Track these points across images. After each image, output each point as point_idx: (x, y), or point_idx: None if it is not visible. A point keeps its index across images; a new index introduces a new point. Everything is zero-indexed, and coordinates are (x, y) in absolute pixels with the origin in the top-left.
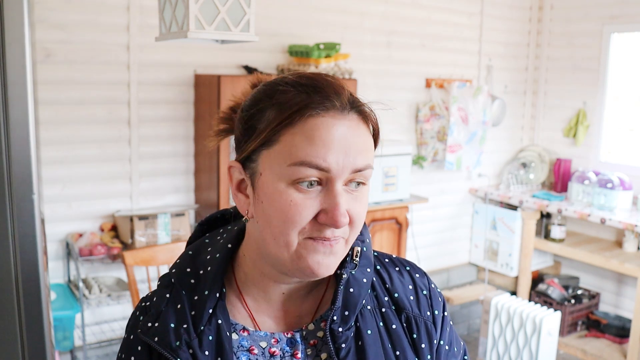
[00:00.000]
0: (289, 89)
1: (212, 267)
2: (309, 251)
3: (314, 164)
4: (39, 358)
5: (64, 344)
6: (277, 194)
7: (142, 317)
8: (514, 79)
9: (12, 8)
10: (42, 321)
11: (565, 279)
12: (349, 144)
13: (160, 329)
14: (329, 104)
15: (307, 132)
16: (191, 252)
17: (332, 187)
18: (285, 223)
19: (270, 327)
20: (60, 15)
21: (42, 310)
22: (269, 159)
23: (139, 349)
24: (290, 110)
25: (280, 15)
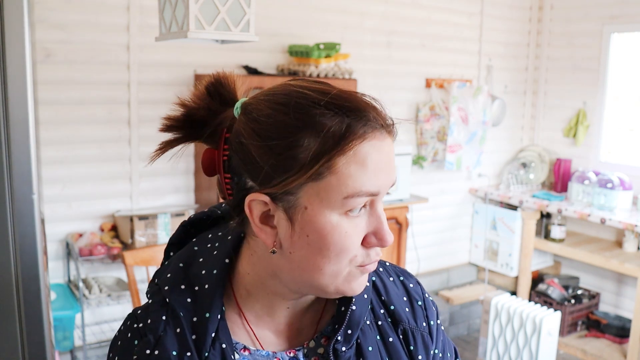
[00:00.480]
0: (327, 113)
1: (210, 286)
2: (356, 278)
3: (370, 192)
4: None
5: (64, 344)
6: (329, 227)
7: (137, 342)
8: (514, 79)
9: (12, 8)
10: (42, 321)
11: (565, 279)
12: (390, 162)
13: (163, 357)
14: (370, 125)
15: (359, 160)
16: (182, 264)
17: (376, 207)
18: (340, 254)
19: (271, 342)
20: (60, 15)
21: (42, 310)
22: (316, 192)
23: None
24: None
25: (280, 15)
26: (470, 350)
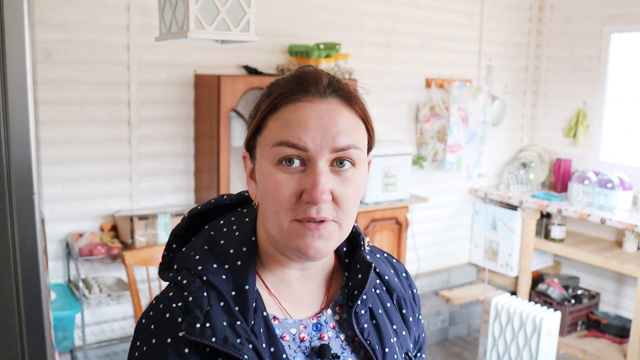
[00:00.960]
0: (282, 83)
1: (242, 262)
2: (297, 234)
3: (291, 143)
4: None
5: (64, 344)
6: (266, 175)
7: (181, 319)
8: (514, 79)
9: (12, 8)
10: (42, 321)
11: (565, 279)
12: (326, 124)
13: (216, 329)
14: (306, 90)
15: (286, 116)
16: (206, 247)
17: (313, 165)
18: (274, 202)
19: (293, 312)
20: (61, 15)
21: (42, 310)
22: (260, 145)
23: (186, 351)
24: (271, 101)
25: (280, 15)
26: (470, 350)
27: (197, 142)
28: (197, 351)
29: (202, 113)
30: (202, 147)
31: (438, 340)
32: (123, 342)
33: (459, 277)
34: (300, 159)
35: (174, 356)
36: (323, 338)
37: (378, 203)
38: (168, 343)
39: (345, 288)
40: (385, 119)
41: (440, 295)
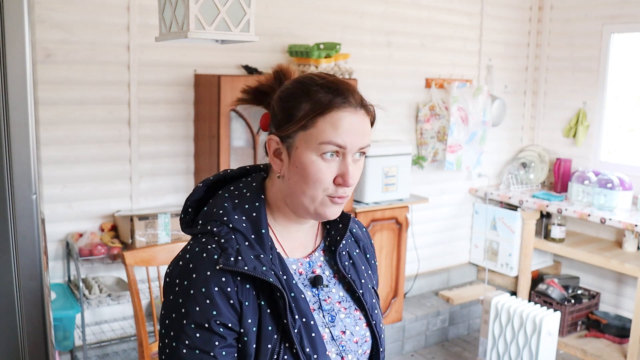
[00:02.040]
0: (319, 89)
1: (257, 213)
2: (328, 205)
3: (336, 143)
4: (39, 358)
5: (64, 344)
6: (309, 163)
7: (217, 256)
8: (514, 79)
9: (12, 8)
10: (42, 321)
11: (565, 279)
12: (358, 130)
13: (247, 260)
14: (348, 103)
15: (333, 122)
16: (226, 204)
17: (346, 158)
18: (315, 183)
19: (292, 254)
20: (61, 15)
21: (42, 310)
22: (304, 138)
23: (223, 279)
24: (322, 106)
25: (280, 15)
26: (470, 350)
27: (197, 142)
28: (232, 279)
29: (202, 113)
30: (202, 147)
31: (438, 340)
32: (123, 342)
33: (459, 277)
34: (336, 153)
35: (214, 284)
36: (315, 272)
37: (378, 203)
38: (208, 275)
39: (328, 236)
40: (385, 119)
41: (440, 295)
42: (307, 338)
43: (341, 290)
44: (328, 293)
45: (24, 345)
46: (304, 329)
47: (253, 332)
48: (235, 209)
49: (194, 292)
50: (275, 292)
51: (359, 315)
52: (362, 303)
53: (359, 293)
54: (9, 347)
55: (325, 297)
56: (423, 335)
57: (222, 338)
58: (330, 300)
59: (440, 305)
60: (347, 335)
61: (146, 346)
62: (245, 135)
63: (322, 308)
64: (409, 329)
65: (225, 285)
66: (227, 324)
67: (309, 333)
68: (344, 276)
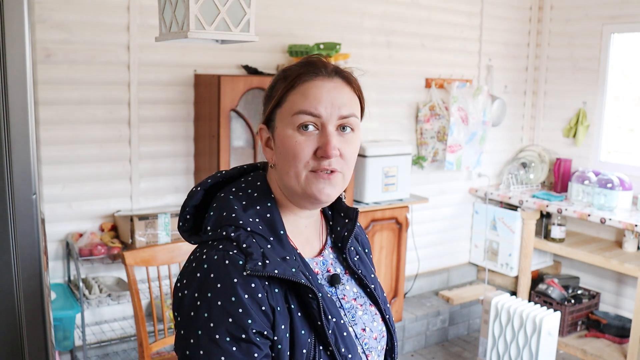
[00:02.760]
0: (293, 68)
1: (271, 214)
2: (313, 182)
3: (308, 112)
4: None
5: (64, 344)
6: (287, 139)
7: (242, 262)
8: (514, 79)
9: (12, 8)
10: (42, 321)
11: (565, 279)
12: (334, 97)
13: (275, 263)
14: (317, 72)
15: (302, 91)
16: (236, 207)
17: (325, 129)
18: (294, 158)
19: (305, 253)
20: (61, 15)
21: (42, 310)
22: (280, 115)
23: (252, 286)
24: (291, 80)
25: (280, 15)
26: (470, 350)
27: (197, 142)
28: (261, 284)
29: (202, 113)
30: (202, 147)
31: (438, 340)
32: (123, 342)
33: (459, 277)
34: (314, 125)
35: (244, 291)
36: (330, 270)
37: (378, 203)
38: (236, 282)
39: (333, 233)
40: (385, 119)
41: (440, 295)
42: (340, 338)
43: (355, 286)
44: (344, 291)
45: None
46: (337, 329)
47: (286, 338)
48: (246, 210)
49: (222, 303)
50: (307, 294)
51: (375, 311)
52: (375, 298)
53: (371, 288)
54: (9, 347)
55: (342, 295)
56: (423, 335)
57: (259, 348)
58: (347, 297)
59: (440, 305)
60: (367, 332)
61: (146, 346)
62: (245, 135)
63: (343, 307)
64: (409, 329)
65: (255, 292)
66: (263, 332)
67: (342, 333)
68: (354, 272)
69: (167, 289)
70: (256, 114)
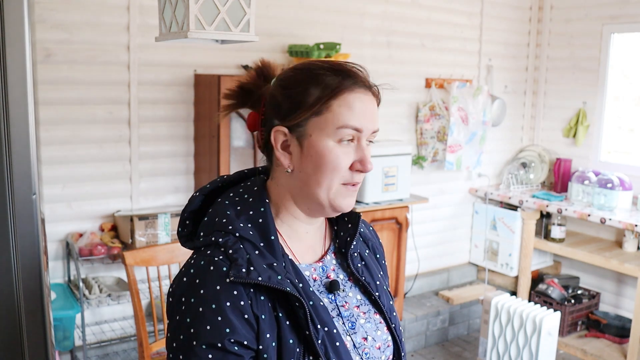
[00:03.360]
0: (326, 73)
1: (264, 219)
2: (342, 194)
3: (354, 127)
4: (39, 358)
5: (64, 344)
6: (326, 150)
7: (226, 268)
8: (514, 79)
9: (12, 8)
10: (42, 321)
11: (565, 279)
12: (371, 112)
13: (260, 270)
14: (358, 84)
15: (347, 104)
16: (228, 212)
17: (361, 142)
18: (333, 171)
19: (302, 259)
20: (61, 15)
21: (42, 310)
22: (317, 124)
23: (235, 293)
24: (333, 88)
25: (280, 15)
26: (470, 350)
27: (197, 142)
28: (244, 292)
29: (202, 113)
30: (202, 147)
31: (438, 340)
32: (123, 342)
33: (459, 277)
34: (352, 138)
35: (225, 299)
36: (330, 277)
37: (378, 203)
38: (218, 290)
39: (337, 238)
40: (385, 119)
41: (440, 295)
42: (331, 348)
43: (358, 293)
44: (345, 298)
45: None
46: (327, 338)
47: (273, 347)
48: (239, 216)
49: (203, 310)
50: (294, 302)
51: (379, 319)
52: (380, 306)
53: (375, 296)
54: (9, 347)
55: (342, 303)
56: (423, 335)
57: (238, 357)
58: (349, 305)
59: (440, 305)
60: (369, 342)
61: (146, 346)
62: (245, 135)
63: (341, 315)
64: (409, 329)
65: (237, 299)
66: (243, 342)
67: (333, 342)
68: (358, 279)
69: (167, 289)
70: None
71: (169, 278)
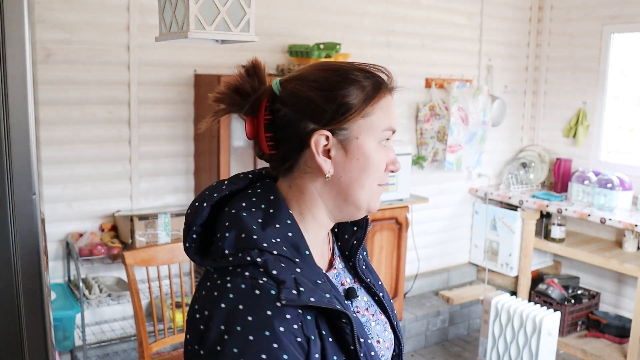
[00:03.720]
0: (360, 74)
1: (293, 233)
2: (377, 195)
3: (393, 129)
4: (39, 358)
5: (64, 344)
6: (373, 152)
7: (274, 292)
8: (514, 79)
9: (12, 8)
10: (42, 321)
11: (565, 279)
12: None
13: (309, 290)
14: (388, 85)
15: (386, 107)
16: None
17: (389, 143)
18: (376, 172)
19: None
20: (61, 15)
21: (42, 310)
22: (364, 127)
23: (288, 317)
24: (376, 90)
25: (280, 15)
26: (470, 350)
27: (197, 142)
28: (295, 315)
29: (202, 113)
30: (202, 147)
31: (438, 340)
32: (123, 342)
33: (459, 277)
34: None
35: (279, 324)
36: (344, 284)
37: None
38: (269, 315)
39: (338, 241)
40: None
41: (440, 295)
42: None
43: (365, 294)
44: (359, 303)
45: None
46: (367, 349)
47: None
48: (264, 229)
49: (255, 338)
50: (341, 319)
51: (384, 319)
52: (384, 305)
53: (379, 296)
54: (9, 347)
55: (356, 308)
56: (423, 335)
57: None
58: (361, 310)
59: (440, 305)
60: (381, 344)
61: (146, 346)
62: (245, 135)
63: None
64: (409, 329)
65: (290, 323)
66: None
67: (370, 353)
68: (363, 280)
69: (167, 289)
70: None
71: (169, 278)
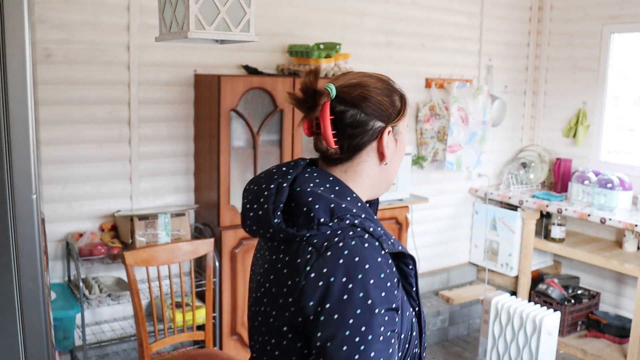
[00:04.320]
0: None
1: (362, 203)
2: None
3: None
4: (39, 358)
5: (64, 344)
6: (404, 145)
7: (378, 243)
8: (514, 79)
9: (12, 8)
10: (42, 321)
11: (565, 279)
12: None
13: (395, 241)
14: None
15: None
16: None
17: None
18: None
19: None
20: (61, 15)
21: (42, 310)
22: (403, 124)
23: (390, 262)
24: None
25: (280, 15)
26: (470, 350)
27: (197, 142)
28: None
29: (202, 113)
30: (202, 147)
31: (438, 340)
32: (123, 342)
33: (459, 277)
34: None
35: (387, 267)
36: None
37: None
38: (380, 261)
39: None
40: None
41: (440, 295)
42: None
43: None
44: None
45: (24, 345)
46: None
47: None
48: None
49: (375, 281)
50: (407, 263)
51: None
52: None
53: None
54: (9, 347)
55: None
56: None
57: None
58: None
59: (440, 305)
60: None
61: (146, 346)
62: (245, 135)
63: None
64: None
65: (392, 267)
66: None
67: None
68: None
69: (167, 289)
70: (256, 113)
71: (169, 278)
